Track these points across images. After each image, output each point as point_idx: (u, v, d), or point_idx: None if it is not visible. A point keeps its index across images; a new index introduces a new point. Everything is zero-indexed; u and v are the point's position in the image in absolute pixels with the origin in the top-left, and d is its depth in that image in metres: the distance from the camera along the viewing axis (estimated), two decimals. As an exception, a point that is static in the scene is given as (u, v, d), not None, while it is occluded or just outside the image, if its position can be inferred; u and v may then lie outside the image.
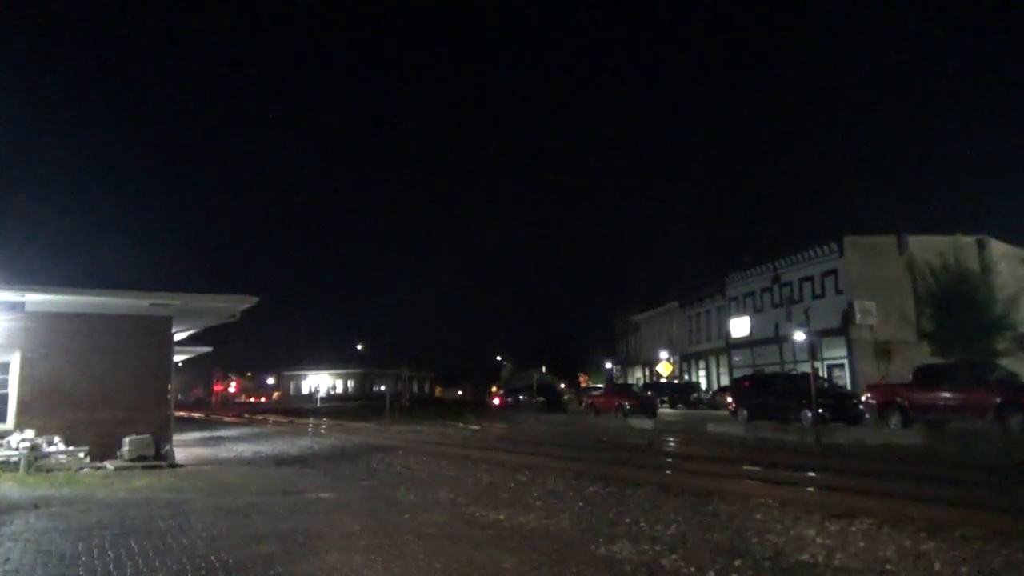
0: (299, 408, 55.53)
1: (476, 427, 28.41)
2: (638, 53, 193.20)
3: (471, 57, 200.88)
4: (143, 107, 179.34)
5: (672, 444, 18.60)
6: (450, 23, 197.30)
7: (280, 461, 15.62)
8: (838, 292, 33.38)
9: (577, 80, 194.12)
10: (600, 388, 45.43)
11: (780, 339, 35.79)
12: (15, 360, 13.96)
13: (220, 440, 22.96)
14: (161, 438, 14.44)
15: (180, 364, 29.17)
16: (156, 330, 15.24)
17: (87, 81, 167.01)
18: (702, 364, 47.59)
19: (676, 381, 45.24)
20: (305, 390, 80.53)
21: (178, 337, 18.53)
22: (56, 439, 13.34)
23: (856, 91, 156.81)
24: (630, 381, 53.04)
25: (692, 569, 5.64)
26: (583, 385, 64.68)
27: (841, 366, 33.20)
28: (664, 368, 44.92)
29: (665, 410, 34.31)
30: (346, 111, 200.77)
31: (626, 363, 59.94)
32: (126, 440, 13.78)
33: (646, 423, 26.58)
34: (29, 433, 13.20)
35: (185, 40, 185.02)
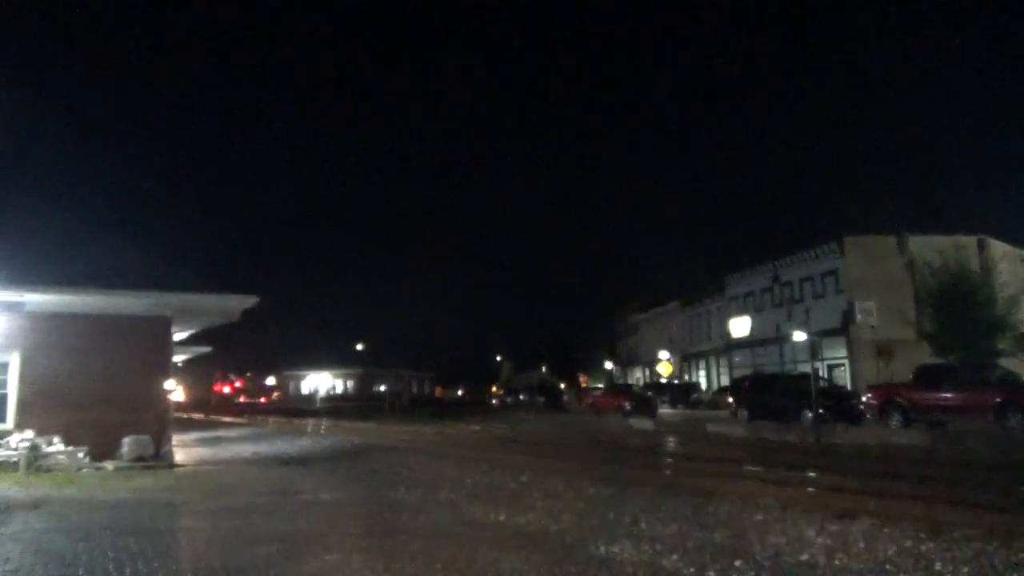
0: (299, 408, 55.47)
1: (476, 427, 28.37)
2: (640, 54, 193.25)
3: (472, 57, 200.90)
4: (143, 106, 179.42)
5: (672, 444, 18.58)
6: (454, 20, 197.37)
7: (280, 461, 15.60)
8: (838, 292, 33.37)
9: (578, 81, 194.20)
10: (600, 388, 45.43)
11: (780, 339, 35.79)
12: (15, 360, 13.95)
13: (219, 440, 22.94)
14: (160, 438, 14.43)
15: (180, 364, 29.18)
16: (156, 330, 15.22)
17: (87, 80, 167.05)
18: (702, 364, 47.58)
19: (676, 381, 45.23)
20: (305, 390, 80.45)
21: (178, 337, 18.53)
22: (56, 439, 13.33)
23: (857, 92, 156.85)
24: (630, 381, 53.02)
25: (692, 569, 5.63)
26: (583, 385, 64.68)
27: (841, 366, 33.20)
28: (664, 368, 44.89)
29: (665, 410, 34.28)
30: (347, 111, 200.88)
31: (626, 363, 59.93)
32: (125, 440, 13.77)
33: (646, 423, 26.57)
34: (29, 433, 13.19)
35: (185, 39, 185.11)
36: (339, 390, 77.67)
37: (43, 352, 14.01)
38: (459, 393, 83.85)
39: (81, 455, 13.18)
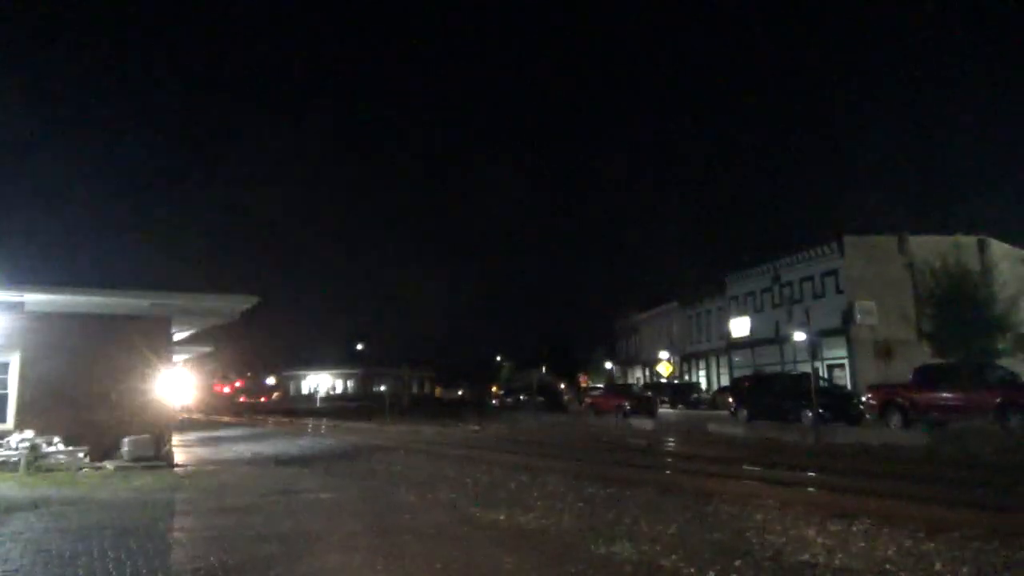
0: (299, 408, 55.54)
1: (476, 427, 28.40)
2: (639, 52, 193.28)
3: (473, 57, 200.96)
4: (143, 106, 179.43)
5: (672, 444, 18.59)
6: (454, 21, 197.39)
7: (280, 461, 15.61)
8: (838, 292, 33.37)
9: (577, 79, 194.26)
10: (600, 388, 45.41)
11: (780, 339, 35.79)
12: (15, 360, 13.96)
13: (220, 440, 22.95)
14: (161, 438, 14.43)
15: (180, 364, 29.16)
16: (156, 330, 15.23)
17: (87, 80, 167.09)
18: (702, 364, 47.58)
19: (676, 381, 45.22)
20: (305, 390, 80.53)
21: (178, 337, 18.53)
22: (56, 439, 13.33)
23: (856, 91, 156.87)
24: (630, 381, 53.00)
25: (692, 569, 5.63)
26: (583, 385, 64.62)
27: (841, 366, 33.20)
28: (664, 368, 44.87)
29: (665, 410, 34.29)
30: (347, 111, 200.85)
31: (626, 363, 59.90)
32: (126, 440, 13.77)
33: (646, 423, 26.58)
34: (29, 433, 13.20)
35: (184, 38, 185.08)
36: (339, 390, 77.74)
37: (43, 352, 14.02)
38: (459, 393, 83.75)
39: (81, 455, 13.18)
